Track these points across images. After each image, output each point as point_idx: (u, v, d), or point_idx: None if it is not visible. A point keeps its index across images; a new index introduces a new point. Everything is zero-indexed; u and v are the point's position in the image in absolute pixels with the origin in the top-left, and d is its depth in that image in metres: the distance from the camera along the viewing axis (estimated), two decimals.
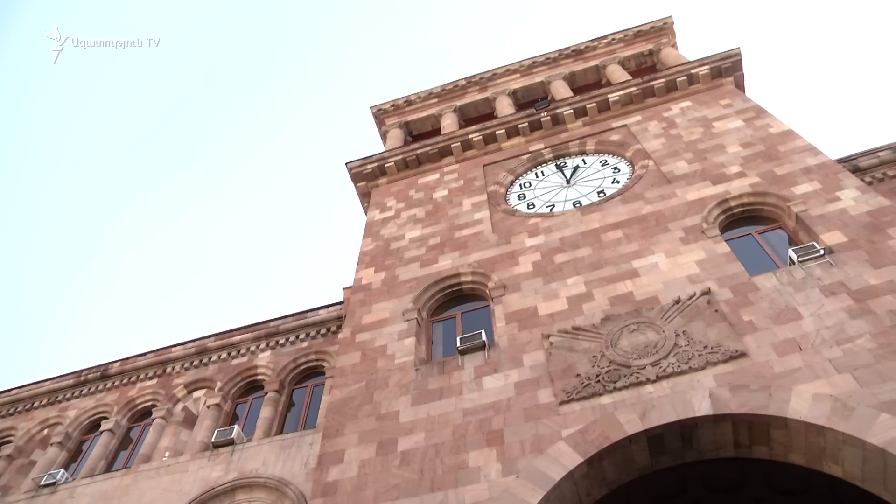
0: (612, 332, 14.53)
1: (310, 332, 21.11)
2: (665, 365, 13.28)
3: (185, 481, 17.40)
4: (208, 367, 21.60)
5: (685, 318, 14.27)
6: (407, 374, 15.60)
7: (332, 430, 14.73)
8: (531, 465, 12.27)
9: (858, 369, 11.84)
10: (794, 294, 14.05)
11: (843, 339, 12.53)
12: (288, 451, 17.09)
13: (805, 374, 12.13)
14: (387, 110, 31.03)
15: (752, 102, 22.35)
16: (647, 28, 29.75)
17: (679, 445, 12.45)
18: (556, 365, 14.27)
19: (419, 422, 14.13)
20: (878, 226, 15.12)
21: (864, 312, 12.97)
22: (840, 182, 16.99)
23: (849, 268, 14.25)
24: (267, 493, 16.36)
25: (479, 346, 15.54)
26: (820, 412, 11.35)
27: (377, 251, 21.05)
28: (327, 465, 13.84)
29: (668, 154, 20.82)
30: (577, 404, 13.23)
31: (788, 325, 13.29)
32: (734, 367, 12.81)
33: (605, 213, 18.88)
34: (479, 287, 18.16)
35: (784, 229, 16.95)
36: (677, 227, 17.32)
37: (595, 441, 12.32)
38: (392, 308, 18.04)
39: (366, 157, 26.02)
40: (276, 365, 20.57)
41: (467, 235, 20.21)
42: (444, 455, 13.11)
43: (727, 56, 24.46)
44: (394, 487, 12.81)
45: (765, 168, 18.48)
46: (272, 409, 19.15)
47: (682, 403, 12.40)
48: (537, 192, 22.09)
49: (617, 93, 24.76)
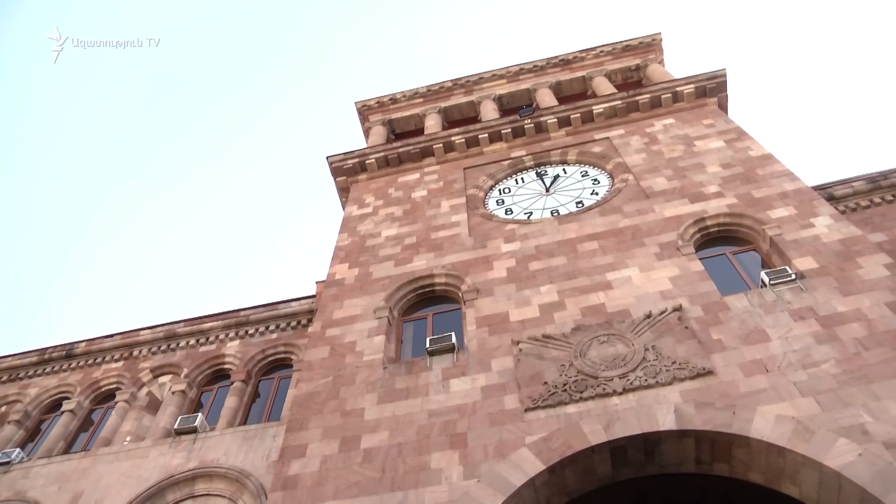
0: (581, 343, 14.57)
1: (280, 324, 20.94)
2: (632, 378, 13.35)
3: (145, 467, 17.15)
4: (176, 353, 21.33)
5: (655, 332, 14.36)
6: (375, 372, 15.54)
7: (296, 424, 14.64)
8: (493, 470, 12.26)
9: (821, 394, 12.01)
10: (764, 316, 14.21)
11: (808, 364, 12.71)
12: (251, 442, 16.93)
13: (770, 395, 12.28)
14: (371, 107, 30.95)
15: (733, 124, 22.56)
16: (635, 43, 29.95)
17: (641, 458, 12.52)
18: (524, 372, 14.28)
19: (384, 420, 14.08)
20: (849, 254, 15.35)
21: (831, 338, 13.17)
22: (815, 209, 17.22)
23: (818, 294, 14.44)
24: (227, 483, 16.19)
25: (448, 349, 15.52)
26: (782, 433, 11.50)
27: (353, 247, 20.97)
28: (289, 459, 13.74)
29: (649, 169, 20.95)
30: (542, 412, 13.25)
31: (756, 347, 13.45)
32: (701, 384, 12.92)
33: (582, 224, 18.95)
34: (452, 289, 18.15)
35: (758, 252, 17.15)
36: (653, 242, 17.43)
37: (558, 449, 12.35)
38: (364, 305, 17.98)
39: (347, 152, 25.92)
40: (245, 355, 20.38)
41: (443, 237, 20.19)
42: (407, 455, 13.07)
43: (713, 76, 24.68)
44: (354, 485, 12.74)
45: (742, 190, 18.66)
46: (237, 399, 18.96)
47: (647, 417, 12.47)
48: (516, 199, 22.12)
49: (602, 105, 24.88)
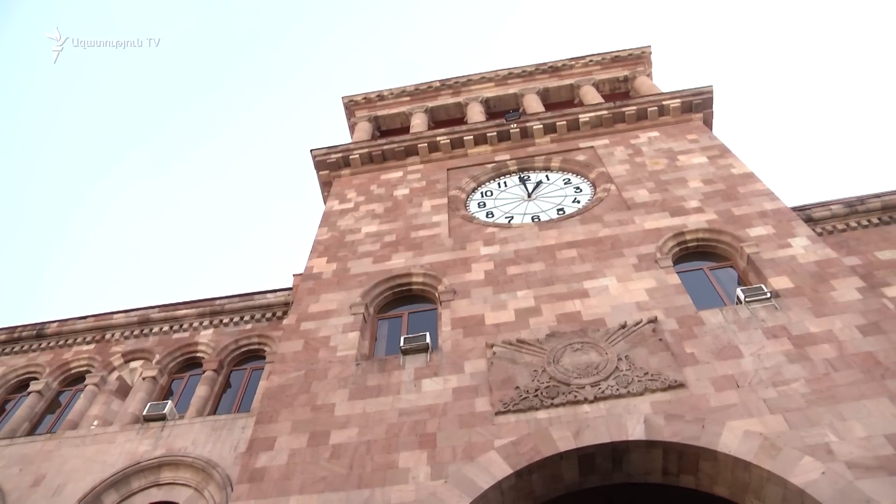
0: (555, 349, 14.61)
1: (255, 315, 20.78)
2: (604, 387, 13.40)
3: (111, 452, 16.93)
4: (148, 339, 21.09)
5: (629, 343, 14.43)
6: (347, 368, 15.48)
7: (265, 416, 14.55)
8: (460, 472, 12.26)
9: (790, 412, 12.16)
10: (738, 332, 14.34)
11: (778, 382, 12.86)
12: (219, 432, 16.78)
13: (739, 410, 12.40)
14: (358, 102, 30.86)
15: (717, 141, 22.73)
16: (625, 54, 30.10)
17: (609, 467, 12.58)
18: (497, 375, 14.29)
19: (354, 417, 14.03)
20: (824, 276, 15.54)
21: (802, 358, 13.32)
22: (793, 229, 17.40)
23: (792, 313, 14.60)
24: (193, 473, 16.03)
25: (422, 348, 15.49)
26: (749, 448, 11.63)
27: (332, 242, 20.90)
28: (257, 451, 13.65)
29: (631, 181, 21.05)
30: (512, 416, 13.27)
31: (728, 362, 13.57)
32: (671, 396, 13.01)
33: (562, 231, 19.00)
34: (429, 289, 18.14)
35: (735, 268, 17.30)
36: (632, 253, 17.51)
37: (526, 454, 12.37)
38: (340, 300, 17.91)
39: (331, 146, 25.81)
40: (218, 344, 20.21)
41: (423, 237, 20.17)
42: (375, 453, 13.04)
43: (699, 92, 24.85)
44: (321, 480, 12.68)
45: (723, 207, 18.81)
46: (208, 389, 18.79)
47: (617, 426, 12.54)
48: (498, 202, 22.15)
49: (588, 114, 24.95)
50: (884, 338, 13.46)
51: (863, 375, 12.65)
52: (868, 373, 12.70)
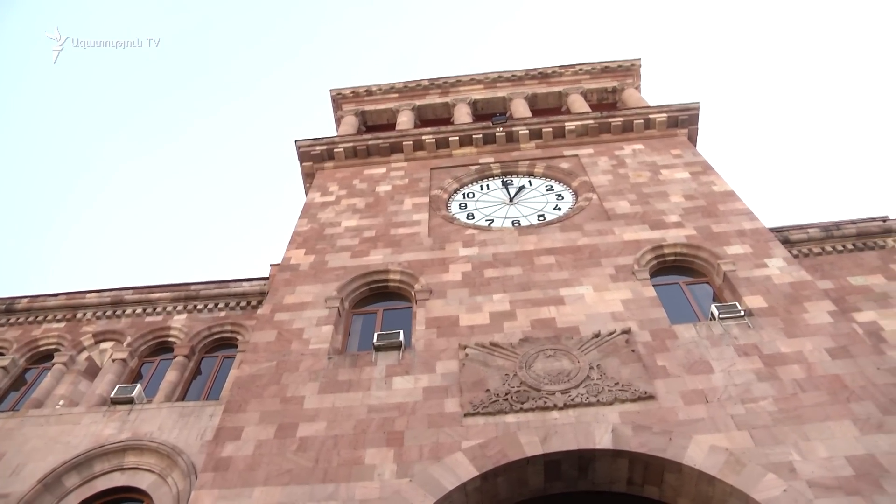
0: (528, 354, 14.63)
1: (229, 303, 20.59)
2: (574, 394, 13.45)
3: (75, 434, 16.63)
4: (121, 320, 20.79)
5: (602, 352, 14.49)
6: (319, 361, 15.41)
7: (234, 405, 14.43)
8: (426, 471, 12.24)
9: (756, 429, 12.29)
10: (710, 348, 14.46)
11: (747, 399, 12.99)
12: (187, 419, 16.55)
13: (707, 425, 12.51)
14: (346, 96, 30.76)
15: (700, 157, 22.89)
16: (614, 65, 30.22)
17: (575, 474, 12.61)
18: (468, 377, 14.29)
19: (323, 411, 13.95)
20: (797, 298, 15.71)
21: (771, 377, 13.48)
22: (770, 250, 17.57)
23: (764, 333, 14.75)
24: (158, 458, 15.80)
25: (395, 346, 15.46)
26: (714, 463, 11.74)
27: (311, 234, 20.80)
28: (224, 440, 13.52)
29: (613, 192, 21.14)
30: (481, 418, 13.27)
31: (699, 377, 13.67)
32: (641, 407, 13.08)
33: (541, 237, 19.04)
34: (405, 287, 18.11)
35: (710, 285, 17.44)
36: (609, 263, 17.58)
37: (493, 457, 12.37)
38: (316, 293, 17.83)
39: (316, 138, 25.72)
40: (190, 330, 19.98)
41: (403, 234, 20.14)
42: (342, 448, 12.98)
43: (685, 108, 25.01)
44: (286, 472, 12.60)
45: (702, 223, 18.95)
46: (178, 374, 18.55)
47: (585, 434, 12.58)
48: (479, 205, 22.16)
49: (574, 122, 25.04)
50: (851, 362, 13.64)
51: (829, 398, 12.82)
52: (834, 395, 12.87)
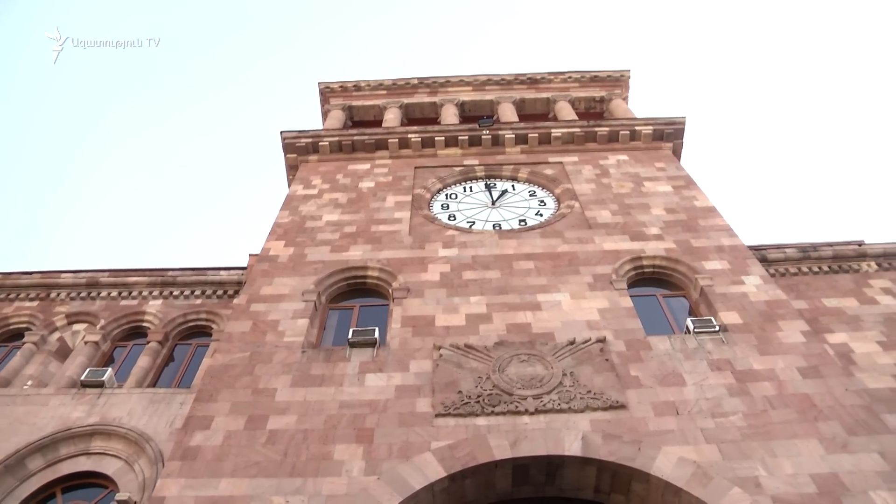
0: (502, 358, 14.65)
1: (206, 291, 20.36)
2: (546, 400, 13.48)
3: (42, 415, 16.30)
4: (95, 302, 20.46)
5: (576, 360, 14.53)
6: (293, 354, 15.34)
7: (205, 394, 14.32)
8: (394, 470, 12.23)
9: (725, 443, 12.42)
10: (683, 361, 14.55)
11: (717, 413, 13.10)
12: (157, 405, 16.31)
13: (676, 437, 12.61)
14: (334, 90, 30.64)
15: (684, 172, 23.05)
16: (603, 75, 30.30)
17: (542, 479, 12.65)
18: (441, 377, 14.28)
19: (294, 404, 13.89)
20: (772, 316, 15.89)
21: (742, 393, 13.60)
22: (747, 267, 17.73)
23: (738, 349, 14.88)
24: (125, 444, 15.53)
25: (369, 343, 15.42)
26: (681, 474, 11.84)
27: (291, 226, 20.71)
28: (193, 429, 13.41)
29: (595, 201, 21.22)
30: (452, 419, 13.27)
31: (671, 389, 13.77)
32: (611, 416, 13.15)
33: (521, 242, 19.07)
34: (383, 285, 18.07)
35: (687, 298, 17.57)
36: (588, 272, 17.65)
37: (462, 459, 12.38)
38: (293, 285, 17.75)
39: (302, 130, 25.61)
40: (165, 316, 19.72)
41: (383, 231, 20.09)
42: (312, 442, 12.92)
43: (671, 122, 25.16)
44: (254, 464, 12.52)
45: (682, 237, 19.07)
46: (150, 360, 18.31)
47: (555, 440, 12.62)
48: (461, 206, 22.17)
49: (560, 130, 25.11)
50: (821, 382, 13.82)
51: (797, 416, 12.99)
52: (803, 414, 13.04)
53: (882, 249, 20.49)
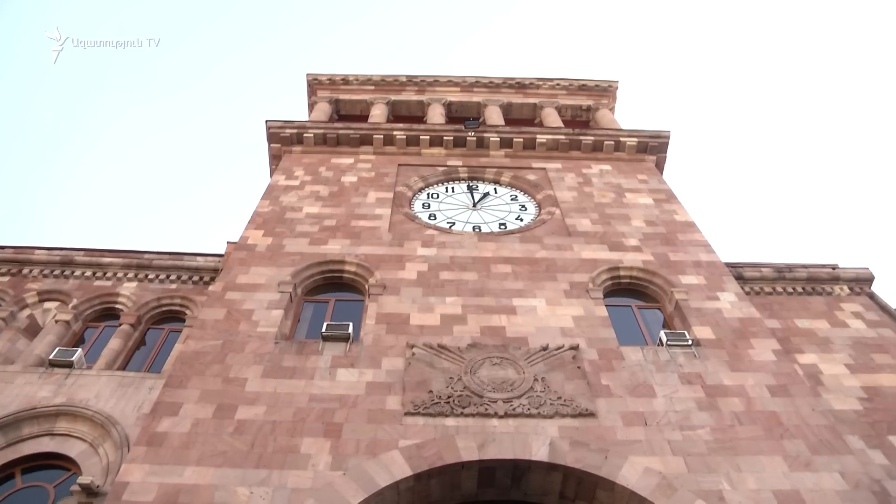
0: (474, 360, 14.66)
1: (182, 276, 20.11)
2: (516, 404, 13.51)
3: (7, 393, 15.97)
4: (68, 281, 20.14)
5: (548, 366, 14.57)
6: (265, 345, 15.25)
7: (175, 381, 14.18)
8: (361, 466, 12.19)
9: (691, 456, 12.54)
10: (655, 373, 14.66)
11: (685, 426, 13.21)
12: (125, 389, 16.08)
13: (643, 447, 12.70)
14: (322, 82, 30.54)
15: (665, 186, 23.18)
16: (592, 84, 30.40)
17: (508, 483, 12.67)
18: (413, 376, 14.26)
19: (264, 395, 13.80)
20: (745, 333, 16.04)
21: (711, 407, 13.72)
22: (723, 284, 17.88)
23: (709, 364, 15.00)
24: (91, 427, 15.26)
25: (343, 337, 15.36)
26: (646, 484, 11.93)
27: (271, 216, 20.59)
28: (161, 415, 13.27)
29: (576, 209, 21.29)
30: (421, 419, 13.25)
31: (641, 400, 13.86)
32: (580, 423, 13.20)
33: (500, 246, 19.09)
34: (360, 280, 18.01)
35: (662, 311, 17.69)
36: (565, 279, 17.70)
37: (429, 458, 12.37)
38: (269, 276, 17.65)
39: (288, 120, 25.48)
40: (139, 299, 19.48)
41: (363, 227, 20.03)
42: (279, 434, 12.85)
43: (657, 135, 25.31)
44: (221, 454, 12.41)
45: (660, 250, 19.19)
46: (122, 343, 18.05)
47: (522, 445, 12.65)
48: (442, 206, 22.16)
49: (546, 136, 25.17)
50: (789, 401, 13.98)
51: (764, 433, 13.14)
52: (769, 431, 13.19)
53: (855, 274, 20.76)
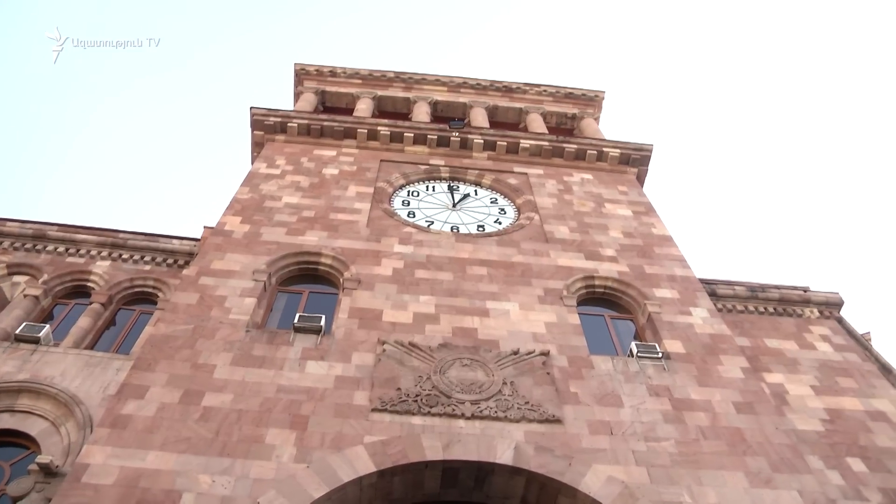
0: (444, 360, 14.65)
1: (156, 258, 19.94)
2: (483, 407, 13.51)
3: None
4: (40, 255, 19.90)
5: (517, 370, 14.59)
6: (236, 332, 15.12)
7: (143, 363, 13.99)
8: (324, 460, 12.13)
9: (654, 467, 12.62)
10: (623, 383, 14.72)
11: (651, 437, 13.30)
12: (92, 369, 15.88)
13: (607, 456, 12.76)
14: (309, 73, 30.40)
15: (645, 199, 23.31)
16: (578, 93, 30.51)
17: (471, 484, 12.67)
18: (382, 373, 14.22)
19: (232, 383, 13.67)
20: (715, 350, 16.18)
21: (677, 421, 13.82)
22: (696, 300, 18.02)
23: (678, 377, 15.11)
24: (54, 405, 15.04)
25: (315, 330, 15.28)
26: (608, 493, 11.98)
27: (250, 203, 20.44)
28: (127, 397, 13.07)
29: (555, 216, 21.35)
30: (388, 416, 13.21)
31: (608, 409, 13.91)
32: (546, 429, 13.23)
33: (477, 247, 19.10)
34: (335, 273, 17.93)
35: (634, 323, 17.79)
36: (539, 285, 17.74)
37: (393, 456, 12.33)
38: (245, 263, 17.51)
39: (273, 108, 25.34)
40: (112, 278, 19.27)
41: (341, 220, 19.95)
42: (245, 424, 12.74)
43: (640, 148, 25.44)
44: (185, 440, 12.27)
45: (636, 262, 19.29)
46: (91, 321, 17.83)
47: (487, 447, 12.65)
48: (422, 205, 22.13)
49: (529, 141, 25.22)
50: (754, 418, 14.13)
51: (727, 448, 13.26)
52: (733, 447, 13.32)
53: (825, 298, 21.08)
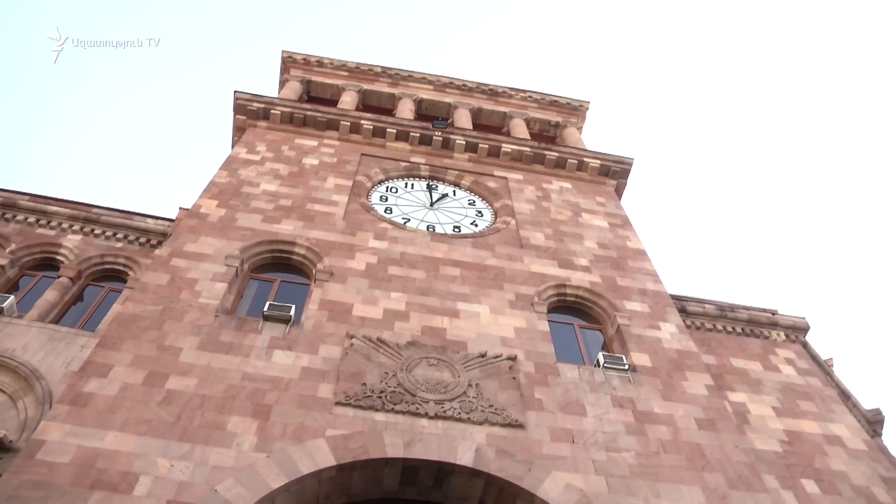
0: (411, 358, 14.65)
1: (129, 235, 19.65)
2: (447, 407, 13.52)
3: None
4: (9, 225, 19.46)
5: (484, 373, 14.62)
6: (205, 317, 15.00)
7: (108, 341, 13.81)
8: (285, 451, 12.06)
9: (613, 477, 12.70)
10: (588, 393, 14.80)
11: (612, 448, 13.39)
12: (56, 344, 15.63)
13: (567, 463, 12.83)
14: (296, 61, 30.26)
15: (622, 212, 23.44)
16: (563, 101, 30.66)
17: (430, 484, 12.68)
18: (348, 367, 14.18)
19: (197, 368, 13.54)
20: (681, 366, 16.32)
21: (639, 433, 13.93)
22: (665, 315, 18.15)
23: (643, 390, 15.22)
24: (13, 378, 14.76)
25: (284, 319, 15.20)
26: (566, 500, 12.06)
27: (228, 187, 20.28)
28: (89, 375, 12.90)
29: (532, 222, 21.41)
30: (351, 410, 13.18)
31: (571, 417, 13.98)
32: (508, 433, 13.27)
33: (451, 248, 19.10)
34: (308, 264, 17.86)
35: (603, 333, 17.88)
36: (511, 289, 17.77)
37: (354, 451, 12.30)
38: (218, 247, 17.36)
39: (257, 94, 25.19)
40: (82, 253, 18.94)
41: (318, 211, 19.86)
42: (207, 409, 12.63)
43: (620, 161, 25.59)
44: (145, 422, 12.12)
45: (609, 273, 19.39)
46: (58, 295, 17.54)
47: (449, 448, 12.66)
48: (399, 202, 22.10)
49: (511, 146, 25.27)
50: (714, 435, 14.29)
51: (686, 463, 13.40)
52: (692, 462, 13.45)
53: (792, 322, 21.33)
